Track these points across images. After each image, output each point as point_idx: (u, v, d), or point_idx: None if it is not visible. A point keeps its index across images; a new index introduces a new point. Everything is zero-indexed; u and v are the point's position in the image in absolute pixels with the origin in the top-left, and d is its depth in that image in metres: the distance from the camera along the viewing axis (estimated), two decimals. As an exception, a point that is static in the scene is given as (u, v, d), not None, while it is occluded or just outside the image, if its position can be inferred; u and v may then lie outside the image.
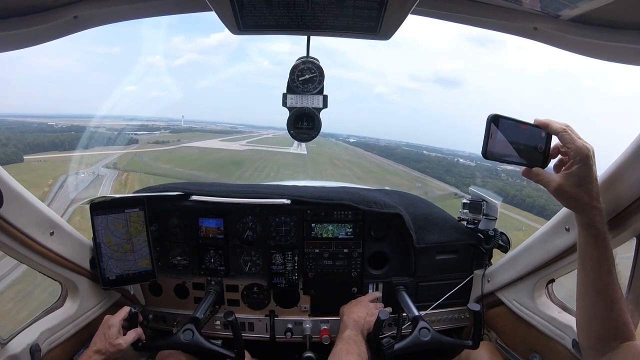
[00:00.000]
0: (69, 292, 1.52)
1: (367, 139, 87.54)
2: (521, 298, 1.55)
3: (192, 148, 59.97)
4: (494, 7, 0.96)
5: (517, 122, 0.92)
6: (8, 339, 1.23)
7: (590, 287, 0.92)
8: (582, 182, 0.88)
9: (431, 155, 58.32)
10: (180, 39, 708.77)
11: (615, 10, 0.82)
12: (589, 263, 0.91)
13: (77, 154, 31.81)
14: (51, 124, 43.40)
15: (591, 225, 0.89)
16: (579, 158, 0.87)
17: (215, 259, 1.82)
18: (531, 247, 1.45)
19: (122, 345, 1.34)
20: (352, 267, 1.82)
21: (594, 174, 0.88)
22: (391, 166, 58.30)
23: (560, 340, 1.36)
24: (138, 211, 1.57)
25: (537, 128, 0.93)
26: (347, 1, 0.85)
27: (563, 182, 0.90)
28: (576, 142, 0.87)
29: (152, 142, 58.97)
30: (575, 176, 0.88)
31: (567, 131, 0.89)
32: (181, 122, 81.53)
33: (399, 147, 73.24)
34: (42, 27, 0.94)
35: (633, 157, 0.98)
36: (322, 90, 1.12)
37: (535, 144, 0.94)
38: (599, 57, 1.00)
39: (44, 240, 1.31)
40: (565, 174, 0.90)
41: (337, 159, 63.03)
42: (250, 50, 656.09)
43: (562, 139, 0.90)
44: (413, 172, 49.98)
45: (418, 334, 1.43)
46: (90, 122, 35.30)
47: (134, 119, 65.63)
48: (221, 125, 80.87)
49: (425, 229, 1.80)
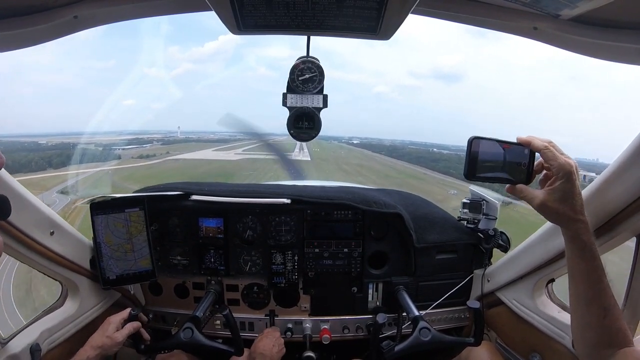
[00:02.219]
0: (69, 291, 1.52)
1: (369, 139, 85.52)
2: (521, 298, 1.55)
3: (177, 161, 56.70)
4: (494, 7, 0.96)
5: (497, 141, 0.94)
6: (8, 339, 1.23)
7: (580, 297, 0.93)
8: (565, 197, 0.89)
9: (443, 153, 54.62)
10: (176, 48, 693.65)
11: (615, 10, 0.82)
12: (578, 274, 0.92)
13: (39, 176, 27.46)
14: (42, 142, 41.27)
15: (576, 237, 0.90)
16: (561, 174, 0.88)
17: (216, 258, 1.82)
18: (531, 246, 1.46)
19: (118, 338, 1.36)
20: (352, 266, 1.83)
21: (577, 189, 0.89)
22: (408, 168, 53.85)
23: (560, 340, 1.36)
24: (138, 211, 1.57)
25: (519, 146, 0.95)
26: (347, 1, 0.85)
27: (546, 198, 0.91)
28: (558, 158, 0.89)
29: (137, 157, 55.59)
30: (559, 191, 0.89)
31: (549, 148, 0.90)
32: (177, 133, 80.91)
33: (405, 146, 70.85)
34: (42, 27, 0.94)
35: (633, 157, 0.99)
36: (322, 89, 1.12)
37: (519, 161, 0.95)
38: (599, 57, 1.00)
39: (44, 240, 1.31)
40: (549, 190, 0.91)
41: (346, 163, 58.95)
42: (247, 56, 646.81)
43: (544, 156, 0.91)
44: (436, 175, 43.75)
45: (418, 335, 1.43)
46: (80, 139, 33.40)
47: (122, 133, 63.09)
48: (220, 134, 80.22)
49: (425, 229, 1.80)
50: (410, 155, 60.60)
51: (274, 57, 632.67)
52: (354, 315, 1.86)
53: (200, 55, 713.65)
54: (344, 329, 1.85)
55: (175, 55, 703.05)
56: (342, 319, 1.86)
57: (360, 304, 1.86)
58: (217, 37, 43.62)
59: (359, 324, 1.86)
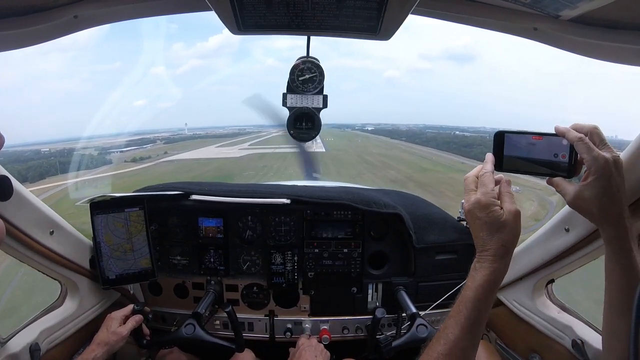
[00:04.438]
0: (68, 291, 1.52)
1: (383, 125, 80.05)
2: (521, 298, 1.55)
3: (172, 162, 50.17)
4: (494, 7, 0.96)
5: (527, 133, 0.90)
6: (7, 338, 1.23)
7: (613, 305, 0.87)
8: (598, 195, 0.80)
9: (467, 136, 48.29)
10: (180, 45, 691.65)
11: (615, 10, 0.82)
12: (613, 281, 0.85)
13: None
14: (44, 150, 38.90)
15: (611, 242, 0.83)
16: (594, 169, 0.80)
17: (215, 258, 1.82)
18: (531, 247, 1.46)
19: (123, 332, 1.35)
20: (352, 267, 1.82)
21: (615, 187, 0.80)
22: (440, 157, 44.63)
23: (560, 341, 1.36)
24: (138, 210, 1.57)
25: (556, 137, 0.88)
26: (347, 1, 0.85)
27: (577, 194, 0.84)
28: (592, 152, 0.80)
29: (129, 160, 50.49)
30: (592, 189, 0.81)
31: (583, 140, 0.81)
32: (185, 130, 79.72)
33: (423, 130, 64.29)
34: (42, 26, 0.94)
35: (633, 157, 0.98)
36: (322, 90, 1.12)
37: (556, 153, 0.88)
38: (599, 57, 1.00)
39: (44, 239, 1.31)
40: (581, 186, 0.83)
41: (368, 153, 49.68)
42: (253, 49, 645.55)
43: (577, 149, 0.83)
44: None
45: (415, 331, 1.44)
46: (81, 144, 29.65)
47: (129, 134, 58.15)
48: (229, 129, 77.93)
49: (424, 229, 1.80)
50: (435, 140, 53.14)
51: (282, 48, 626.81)
52: (354, 315, 1.86)
53: (206, 51, 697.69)
54: (344, 330, 1.85)
55: (180, 52, 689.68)
56: (341, 319, 1.85)
57: (360, 304, 1.86)
58: (222, 30, 41.64)
59: (359, 324, 1.85)
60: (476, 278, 0.83)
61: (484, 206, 0.84)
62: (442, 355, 0.80)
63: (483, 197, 0.84)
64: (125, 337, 1.36)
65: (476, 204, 0.85)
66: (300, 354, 1.60)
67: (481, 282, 0.82)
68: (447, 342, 0.81)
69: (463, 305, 0.82)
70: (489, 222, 0.83)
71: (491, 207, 0.83)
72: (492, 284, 0.82)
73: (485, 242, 0.84)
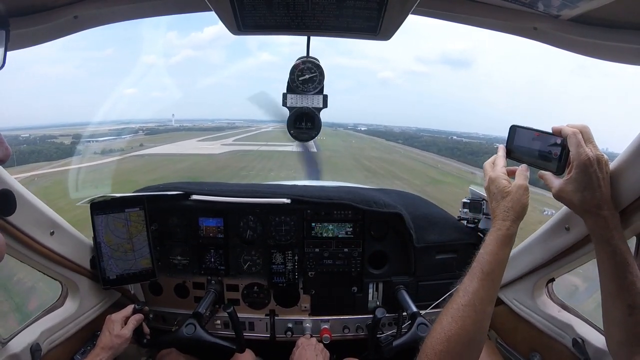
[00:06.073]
0: (69, 291, 1.52)
1: (376, 126, 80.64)
2: (521, 297, 1.55)
3: (142, 157, 45.45)
4: (494, 7, 0.96)
5: (533, 130, 1.03)
6: (8, 339, 1.23)
7: (605, 290, 0.92)
8: (580, 188, 0.88)
9: (463, 141, 47.49)
10: (174, 34, 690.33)
11: (615, 10, 0.82)
12: (601, 267, 0.91)
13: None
14: (24, 135, 37.24)
15: (594, 231, 0.90)
16: (576, 163, 0.88)
17: (216, 258, 1.82)
18: (531, 246, 1.46)
19: (126, 334, 1.36)
20: (352, 266, 1.83)
21: (596, 182, 0.87)
22: (447, 165, 42.21)
23: (561, 339, 1.36)
24: (138, 210, 1.57)
25: (551, 135, 0.97)
26: (347, 2, 0.85)
27: (561, 187, 0.93)
28: (579, 147, 0.88)
29: (99, 152, 45.41)
30: (573, 182, 0.89)
31: (576, 134, 0.89)
32: (172, 122, 78.55)
33: (417, 133, 64.25)
34: (42, 27, 0.94)
35: (633, 157, 0.99)
36: (322, 90, 1.12)
37: (550, 150, 0.98)
38: (599, 57, 1.00)
39: (44, 239, 1.31)
40: (565, 179, 0.92)
41: (366, 157, 46.78)
42: (249, 43, 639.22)
43: (569, 141, 0.91)
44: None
45: (416, 330, 1.44)
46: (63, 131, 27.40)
47: (115, 122, 55.13)
48: (218, 122, 77.19)
49: (425, 229, 1.80)
50: (436, 145, 52.77)
51: (278, 42, 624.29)
52: (354, 315, 1.86)
53: (200, 42, 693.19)
54: (344, 329, 1.85)
55: (174, 42, 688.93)
56: (342, 318, 1.86)
57: (361, 303, 1.86)
58: (218, 21, 42.96)
59: (359, 323, 1.86)
60: (487, 239, 0.98)
61: (493, 180, 1.02)
62: (462, 305, 0.91)
63: (493, 173, 1.03)
64: (128, 338, 1.36)
65: (489, 180, 1.03)
66: (301, 353, 1.61)
67: (489, 240, 0.96)
68: (466, 294, 0.93)
69: (478, 263, 0.96)
70: (496, 192, 1.00)
71: (499, 180, 1.00)
72: (499, 240, 0.95)
73: (494, 209, 1.00)
